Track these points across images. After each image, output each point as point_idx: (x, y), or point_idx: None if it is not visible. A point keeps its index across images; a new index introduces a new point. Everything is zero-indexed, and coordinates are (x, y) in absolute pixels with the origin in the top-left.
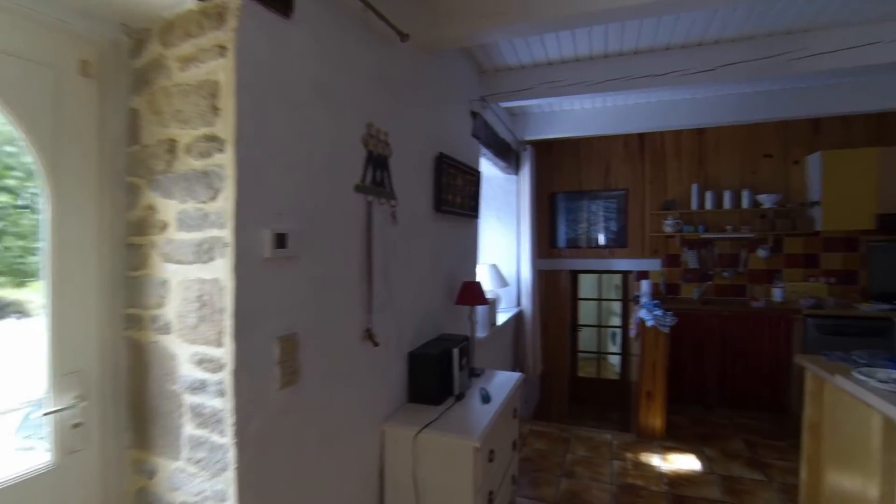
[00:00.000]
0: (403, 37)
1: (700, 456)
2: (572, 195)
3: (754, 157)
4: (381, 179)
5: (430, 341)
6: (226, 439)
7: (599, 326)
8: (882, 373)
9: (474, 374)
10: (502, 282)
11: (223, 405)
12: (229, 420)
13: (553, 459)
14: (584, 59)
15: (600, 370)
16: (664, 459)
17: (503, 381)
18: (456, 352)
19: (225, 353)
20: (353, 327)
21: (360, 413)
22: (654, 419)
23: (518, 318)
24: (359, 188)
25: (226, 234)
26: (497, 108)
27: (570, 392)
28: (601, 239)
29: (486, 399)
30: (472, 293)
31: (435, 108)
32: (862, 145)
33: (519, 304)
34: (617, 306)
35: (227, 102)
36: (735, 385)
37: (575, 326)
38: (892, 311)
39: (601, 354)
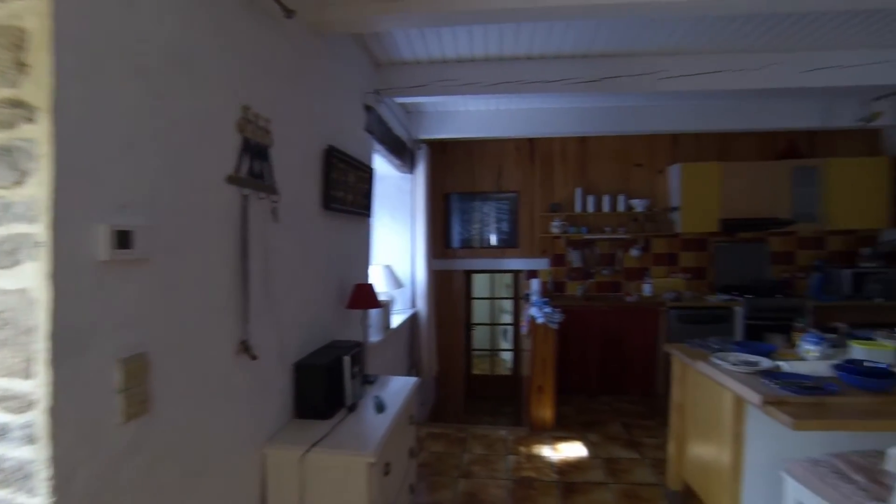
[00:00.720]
0: (288, 13)
1: (585, 442)
2: (466, 196)
3: (627, 165)
4: (260, 171)
5: (319, 349)
6: (36, 501)
7: (492, 324)
8: (732, 356)
9: (368, 381)
10: (397, 283)
11: (33, 455)
12: (42, 474)
13: (451, 461)
14: (479, 59)
15: (494, 367)
16: (554, 449)
17: (398, 388)
18: (347, 359)
19: (36, 385)
20: (224, 340)
21: (234, 437)
22: (545, 411)
23: (413, 320)
24: (232, 180)
25: (38, 230)
26: (392, 104)
27: (465, 390)
28: (493, 239)
29: (380, 408)
30: (364, 296)
31: (325, 98)
32: (710, 160)
33: (414, 305)
34: (508, 304)
35: (40, 57)
36: (613, 373)
37: (469, 325)
38: (733, 301)
39: (494, 351)
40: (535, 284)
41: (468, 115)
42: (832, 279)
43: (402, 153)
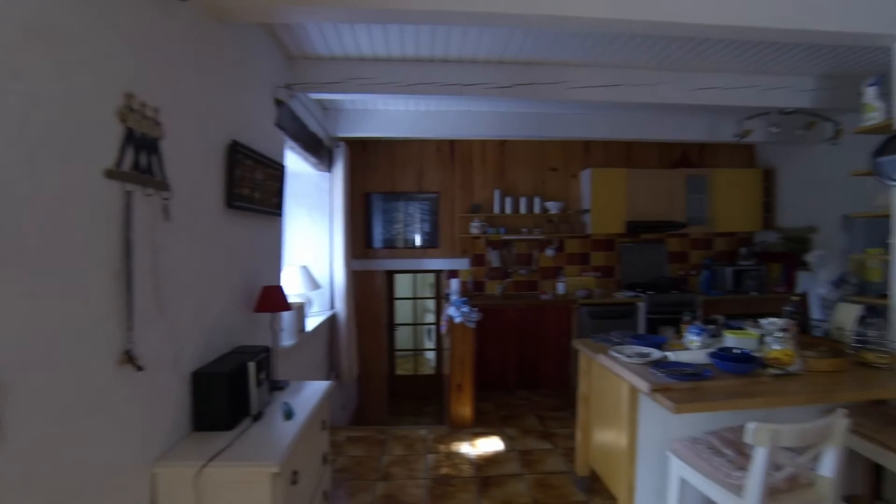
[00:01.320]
0: None
1: (503, 437)
2: (387, 196)
3: (543, 169)
4: (147, 165)
5: (221, 357)
6: None
7: (415, 324)
8: (629, 349)
9: (277, 387)
10: (314, 284)
11: None
12: None
13: (370, 464)
14: (396, 59)
15: (417, 366)
16: (473, 445)
17: (311, 393)
18: (252, 366)
19: None
20: (103, 351)
21: (116, 458)
22: (464, 409)
23: (332, 322)
24: (112, 174)
25: None
26: (306, 100)
27: (389, 391)
28: (416, 239)
29: (288, 415)
30: (273, 298)
31: (229, 90)
32: (618, 166)
33: (333, 306)
34: (432, 304)
35: None
36: (530, 368)
37: (392, 326)
38: (636, 297)
39: (418, 351)
40: (454, 284)
41: (388, 115)
42: (718, 276)
43: (319, 151)
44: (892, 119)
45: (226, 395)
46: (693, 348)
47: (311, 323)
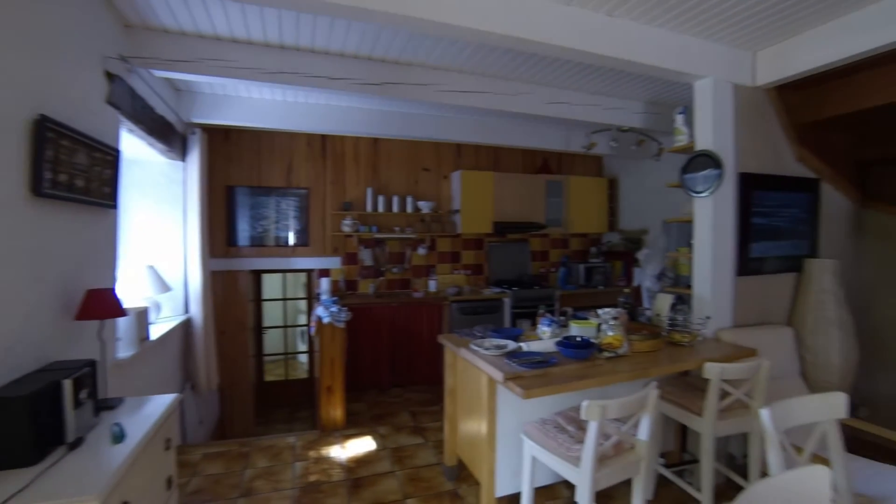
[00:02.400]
0: None
1: (375, 436)
2: (256, 190)
3: (416, 169)
4: None
5: (26, 376)
6: None
7: (286, 327)
8: (488, 342)
9: (107, 407)
10: (163, 286)
11: None
12: None
13: (229, 481)
14: (258, 43)
15: (289, 371)
16: (343, 448)
17: (152, 409)
18: (68, 384)
19: None
20: None
21: None
22: (335, 411)
23: (186, 328)
24: None
25: None
26: (151, 78)
27: (256, 400)
28: (285, 237)
29: (117, 438)
30: (100, 303)
31: (34, 52)
32: (487, 169)
33: (187, 310)
34: (304, 305)
35: None
36: (403, 365)
37: (260, 329)
38: (503, 293)
39: (289, 355)
40: (324, 284)
41: (253, 103)
42: (573, 272)
43: (169, 136)
44: (694, 142)
45: (26, 422)
46: (545, 338)
47: (158, 330)
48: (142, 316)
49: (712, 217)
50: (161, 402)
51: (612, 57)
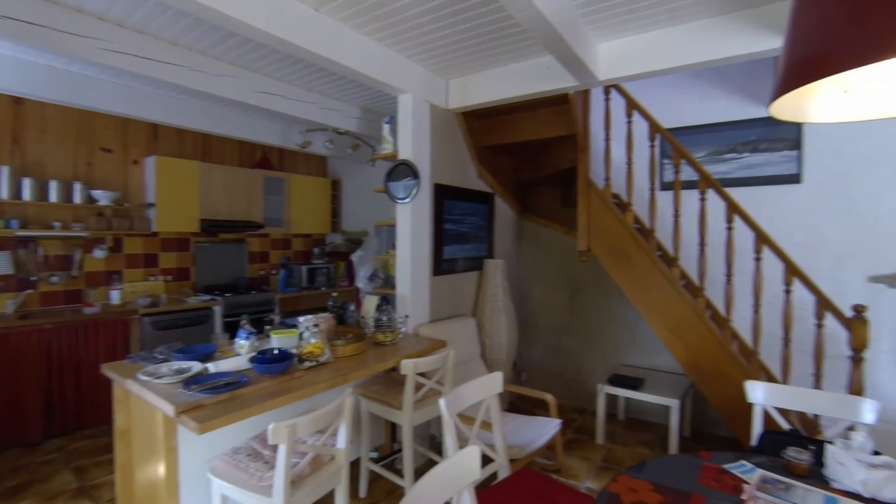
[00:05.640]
0: None
1: None
2: None
3: (90, 148)
4: None
5: None
6: None
7: None
8: (166, 367)
9: None
10: None
11: None
12: None
13: None
14: None
15: None
16: None
17: None
18: None
19: None
20: None
21: None
22: None
23: None
24: None
25: None
26: None
27: None
28: None
29: None
30: None
31: None
32: (191, 157)
33: None
34: None
35: None
36: (68, 407)
37: None
38: (212, 301)
39: None
40: None
41: None
42: (294, 274)
43: None
44: (397, 151)
45: None
46: (244, 353)
47: None
48: None
49: (412, 222)
50: None
51: (316, 53)
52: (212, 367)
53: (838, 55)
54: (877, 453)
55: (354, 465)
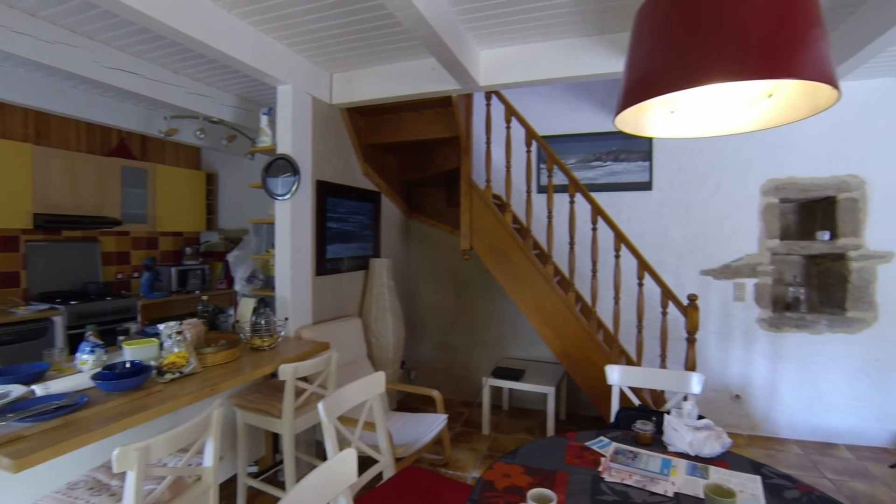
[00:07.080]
0: None
1: None
2: None
3: None
4: None
5: None
6: None
7: None
8: None
9: None
10: None
11: None
12: None
13: None
14: None
15: None
16: None
17: None
18: None
19: None
20: None
21: None
22: None
23: None
24: None
25: None
26: None
27: None
28: None
29: None
30: None
31: None
32: (20, 139)
33: None
34: None
35: None
36: None
37: None
38: (52, 310)
39: None
40: None
41: None
42: (162, 277)
43: None
44: (276, 145)
45: None
46: (86, 370)
47: None
48: None
49: (291, 220)
50: None
51: (180, 31)
52: (38, 389)
53: (663, 80)
54: (701, 417)
55: (231, 483)
